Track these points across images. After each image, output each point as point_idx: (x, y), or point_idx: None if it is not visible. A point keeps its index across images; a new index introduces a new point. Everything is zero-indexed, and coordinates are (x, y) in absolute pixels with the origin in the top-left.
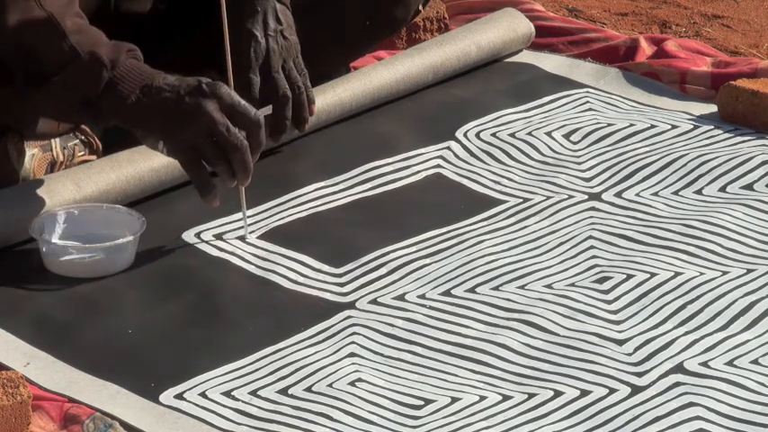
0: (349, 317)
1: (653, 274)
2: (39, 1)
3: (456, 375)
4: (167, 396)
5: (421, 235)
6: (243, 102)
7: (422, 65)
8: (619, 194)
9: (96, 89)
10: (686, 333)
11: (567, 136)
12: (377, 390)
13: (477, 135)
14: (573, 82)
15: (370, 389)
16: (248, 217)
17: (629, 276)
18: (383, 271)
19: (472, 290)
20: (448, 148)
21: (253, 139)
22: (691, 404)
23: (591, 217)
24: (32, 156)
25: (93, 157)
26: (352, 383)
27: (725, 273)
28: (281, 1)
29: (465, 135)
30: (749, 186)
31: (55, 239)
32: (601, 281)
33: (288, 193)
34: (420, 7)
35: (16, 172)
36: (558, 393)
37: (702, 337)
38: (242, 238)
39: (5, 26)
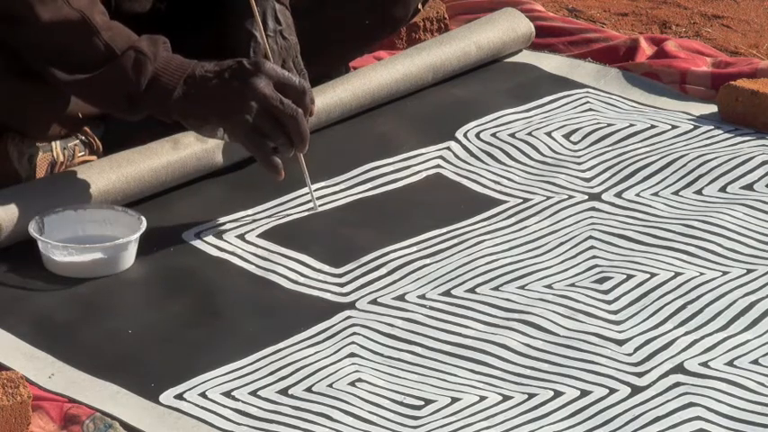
0: (349, 317)
1: (653, 275)
2: (67, 0)
3: (456, 375)
4: (167, 396)
5: (421, 235)
6: (286, 72)
7: (422, 65)
8: (619, 194)
9: (141, 83)
10: (686, 333)
11: (567, 136)
12: (377, 390)
13: (477, 135)
14: (573, 82)
15: (370, 389)
16: (254, 214)
17: (630, 276)
18: (383, 271)
19: (472, 290)
20: (448, 148)
21: (303, 107)
22: (691, 404)
23: (591, 217)
24: (32, 156)
25: (93, 157)
26: (352, 383)
27: (725, 273)
28: (281, 1)
29: (465, 135)
30: (749, 186)
31: (55, 239)
32: (601, 281)
33: (288, 193)
34: (419, 6)
35: (16, 172)
36: (558, 393)
37: (702, 338)
38: (312, 210)
39: (37, 26)
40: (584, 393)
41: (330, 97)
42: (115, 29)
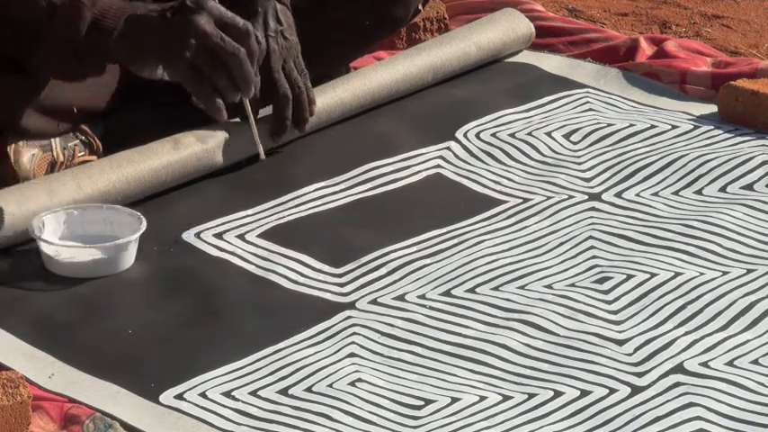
0: (349, 317)
1: (653, 275)
2: None
3: (456, 375)
4: (167, 396)
5: (421, 235)
6: (229, 12)
7: (422, 65)
8: (619, 194)
9: (80, 31)
10: (686, 333)
11: (567, 136)
12: (377, 390)
13: (477, 135)
14: (573, 82)
15: (370, 389)
16: (254, 214)
17: (630, 276)
18: (383, 271)
19: (472, 290)
20: (448, 148)
21: (247, 48)
22: (691, 404)
23: (591, 217)
24: (32, 156)
25: (93, 157)
26: (352, 383)
27: (725, 273)
28: (282, 1)
29: (465, 135)
30: (749, 186)
31: (55, 239)
32: (601, 281)
33: (288, 193)
34: (420, 7)
35: (16, 172)
36: (558, 393)
37: (702, 338)
38: (257, 158)
39: None
40: (585, 393)
41: (330, 97)
42: None
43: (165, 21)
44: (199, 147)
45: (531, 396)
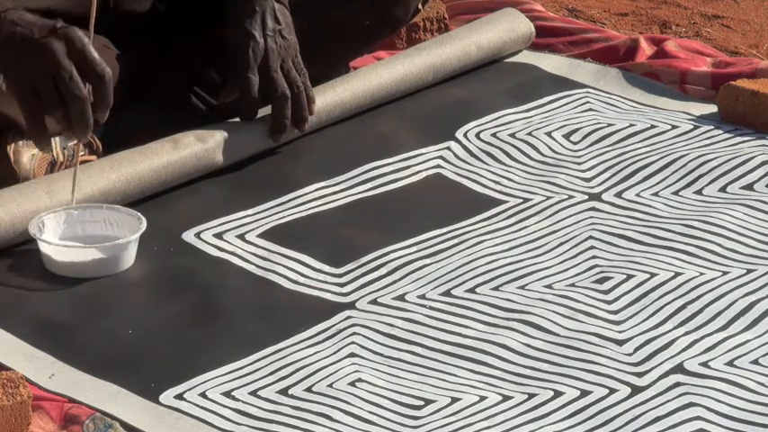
0: (349, 317)
1: (653, 275)
2: None
3: (456, 375)
4: (167, 396)
5: (421, 235)
6: (94, 52)
7: (422, 65)
8: (619, 195)
9: None
10: (686, 333)
11: (567, 136)
12: (377, 390)
13: (477, 135)
14: (573, 82)
15: (370, 389)
16: (254, 214)
17: (630, 276)
18: (383, 271)
19: (472, 290)
20: (448, 148)
21: (98, 95)
22: (691, 404)
23: (591, 217)
24: (32, 156)
25: (93, 157)
26: (352, 383)
27: (725, 273)
28: (280, 1)
29: (465, 135)
30: (749, 186)
31: (55, 239)
32: (601, 281)
33: (288, 193)
34: (419, 6)
35: (17, 172)
36: (558, 393)
37: (702, 338)
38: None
39: None
40: (585, 393)
41: (330, 97)
42: None
43: (27, 34)
44: (199, 146)
45: (531, 396)
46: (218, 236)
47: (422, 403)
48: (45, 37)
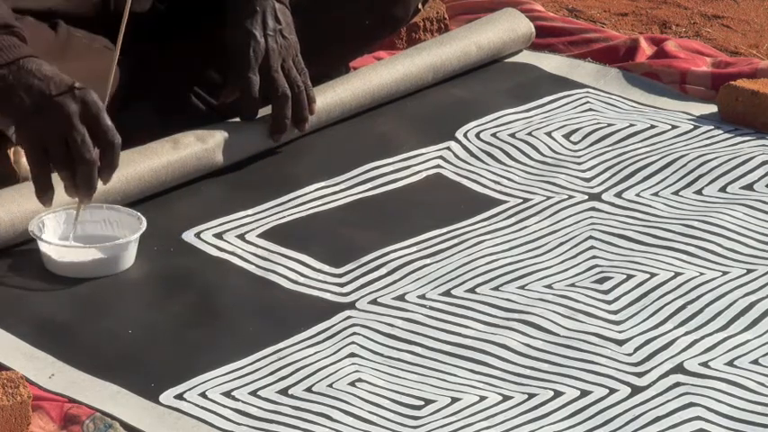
0: (349, 317)
1: (653, 275)
2: None
3: (456, 375)
4: (167, 396)
5: (421, 235)
6: (107, 119)
7: (422, 65)
8: (619, 194)
9: None
10: (686, 333)
11: (567, 136)
12: (377, 390)
13: (477, 135)
14: (573, 82)
15: (370, 389)
16: (254, 214)
17: (630, 276)
18: (383, 271)
19: (472, 290)
20: (448, 148)
21: (105, 160)
22: (691, 404)
23: (591, 217)
24: None
25: None
26: (352, 383)
27: (725, 273)
28: (281, 0)
29: (465, 135)
30: (749, 186)
31: (55, 239)
32: (601, 281)
33: (288, 193)
34: (419, 6)
35: (16, 172)
36: (558, 393)
37: (702, 338)
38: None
39: None
40: (585, 393)
41: (330, 97)
42: None
43: (43, 90)
44: (199, 146)
45: (531, 396)
46: (218, 236)
47: (422, 403)
48: (61, 95)
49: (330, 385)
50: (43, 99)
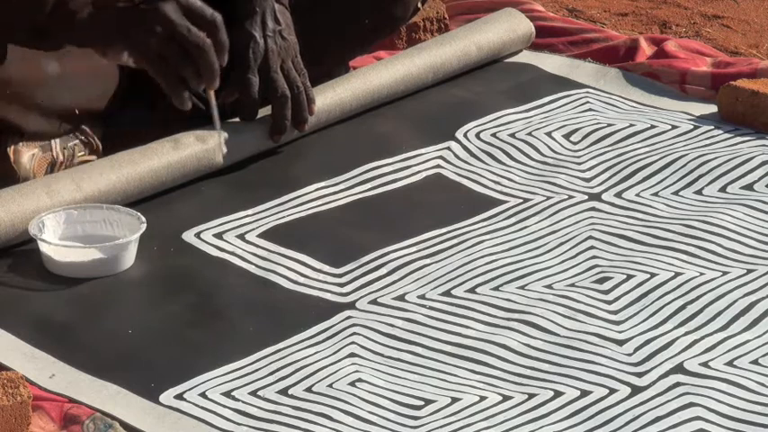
0: (349, 317)
1: (653, 275)
2: None
3: (456, 375)
4: (167, 396)
5: (421, 235)
6: (199, 2)
7: (422, 65)
8: (619, 195)
9: (43, 9)
10: (686, 333)
11: (567, 136)
12: (377, 390)
13: (477, 135)
14: (573, 82)
15: (370, 389)
16: (254, 214)
17: (630, 276)
18: (383, 271)
19: (472, 290)
20: (448, 148)
21: (214, 39)
22: (691, 404)
23: (591, 217)
24: (32, 156)
25: (93, 157)
26: (352, 384)
27: (725, 273)
28: (280, 1)
29: (465, 135)
30: (749, 186)
31: (55, 239)
32: (601, 281)
33: (288, 193)
34: (419, 5)
35: (16, 172)
36: (558, 393)
37: (702, 338)
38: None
39: None
40: (585, 393)
41: (330, 97)
42: None
43: (133, 8)
44: (199, 147)
45: (531, 396)
46: (218, 236)
47: (422, 403)
48: (151, 2)
49: (330, 385)
50: (137, 14)
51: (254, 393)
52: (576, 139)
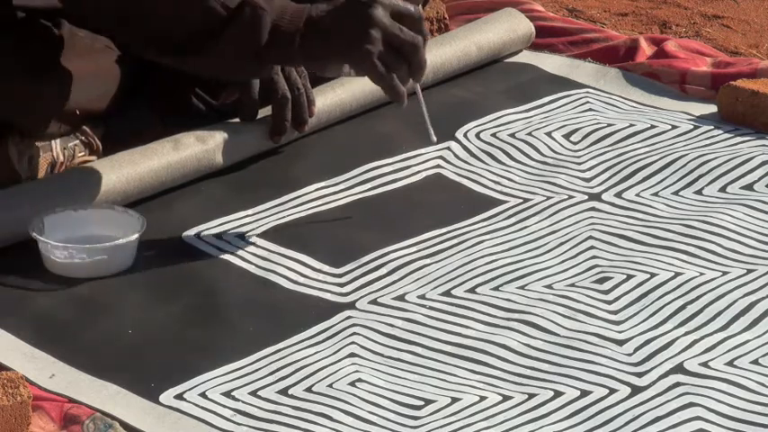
0: (349, 317)
1: (653, 275)
2: None
3: (456, 375)
4: (167, 396)
5: (421, 235)
6: (400, 1)
7: None
8: (619, 195)
9: (261, 38)
10: (686, 333)
11: (567, 136)
12: (377, 390)
13: (477, 135)
14: (573, 82)
15: (370, 389)
16: (254, 214)
17: (630, 276)
18: (383, 271)
19: (472, 290)
20: (448, 148)
21: (421, 33)
22: (691, 404)
23: (591, 217)
24: (32, 156)
25: (93, 157)
26: (352, 384)
27: (725, 273)
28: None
29: (465, 135)
30: (749, 186)
31: (55, 240)
32: (601, 281)
33: (288, 193)
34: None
35: (17, 172)
36: (558, 393)
37: (702, 338)
38: (430, 143)
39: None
40: (585, 393)
41: (330, 98)
42: None
43: (344, 20)
44: (199, 147)
45: (531, 396)
46: (218, 236)
47: (422, 403)
48: (359, 11)
49: (330, 385)
50: (350, 26)
51: (254, 393)
52: (576, 139)
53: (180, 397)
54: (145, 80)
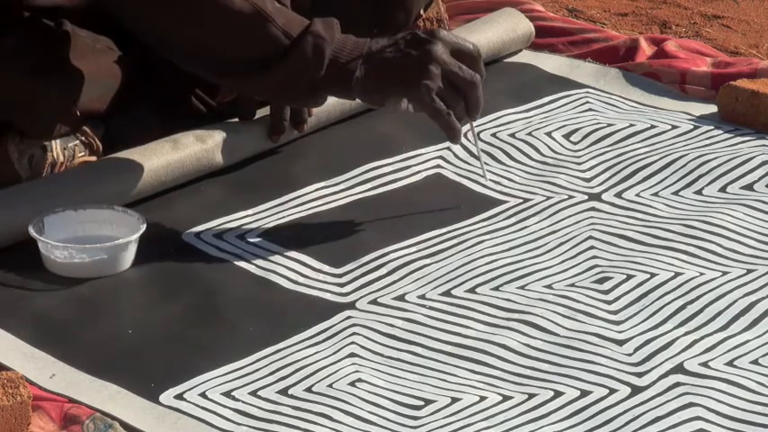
0: (349, 317)
1: (653, 275)
2: None
3: (456, 375)
4: (167, 396)
5: (421, 235)
6: (459, 39)
7: None
8: (619, 195)
9: (321, 68)
10: (686, 333)
11: (567, 136)
12: (377, 390)
13: (478, 135)
14: (573, 82)
15: (370, 389)
16: (254, 214)
17: (630, 276)
18: (383, 271)
19: (472, 290)
20: (448, 148)
21: (479, 72)
22: (691, 404)
23: (591, 217)
24: (32, 156)
25: (93, 157)
26: (352, 384)
27: (725, 273)
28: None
29: (465, 135)
30: (749, 186)
31: (55, 240)
32: (601, 281)
33: (288, 193)
34: (421, 12)
35: (17, 172)
36: (558, 393)
37: (702, 338)
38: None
39: (200, 22)
40: (585, 393)
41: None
42: (286, 14)
43: (405, 55)
44: (198, 147)
45: (531, 396)
46: (218, 236)
47: (422, 403)
48: (419, 47)
49: (330, 385)
50: (408, 62)
51: (254, 393)
52: (576, 139)
53: (180, 397)
54: (145, 80)
